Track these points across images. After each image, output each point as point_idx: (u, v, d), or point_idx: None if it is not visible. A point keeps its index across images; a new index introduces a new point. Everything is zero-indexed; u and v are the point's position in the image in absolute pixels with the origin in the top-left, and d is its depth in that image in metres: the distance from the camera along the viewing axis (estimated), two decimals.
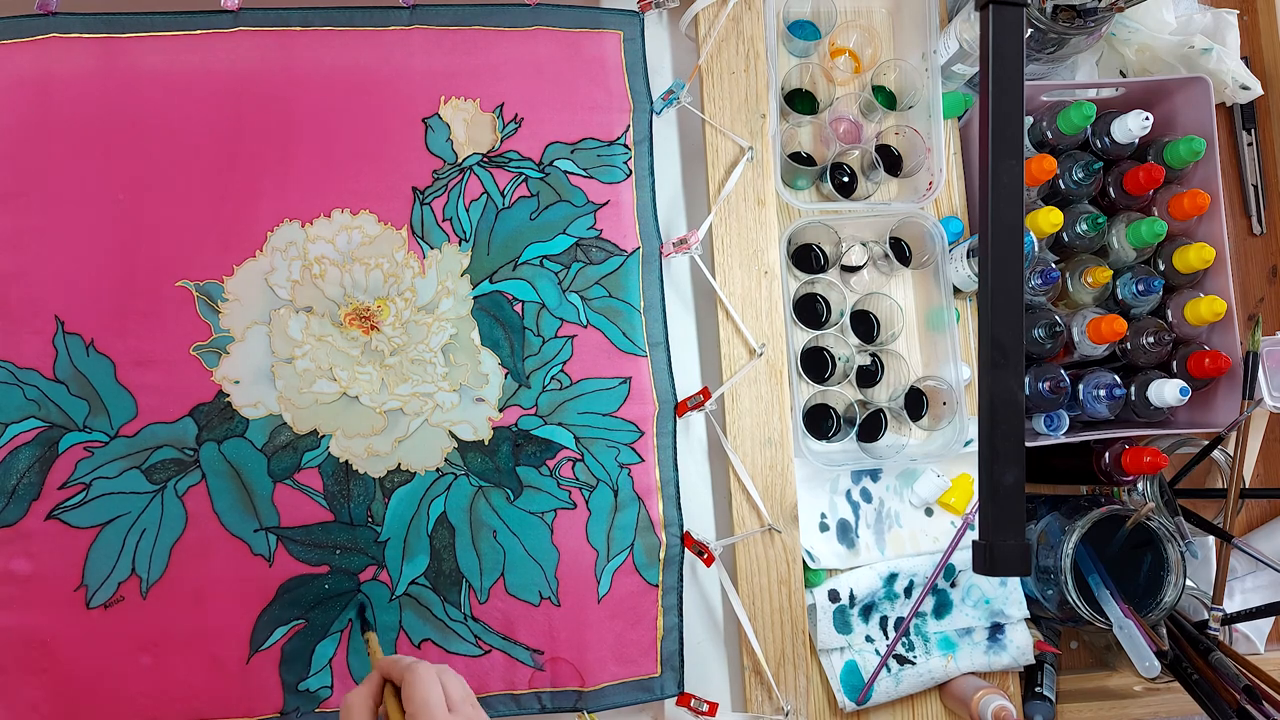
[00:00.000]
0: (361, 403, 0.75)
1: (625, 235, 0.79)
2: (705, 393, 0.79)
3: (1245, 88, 0.99)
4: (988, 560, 0.55)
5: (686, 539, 0.78)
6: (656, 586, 0.77)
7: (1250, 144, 1.04)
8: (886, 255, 0.86)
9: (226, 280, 0.74)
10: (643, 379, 0.78)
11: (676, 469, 0.78)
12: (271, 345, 0.74)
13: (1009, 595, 0.86)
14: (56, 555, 0.70)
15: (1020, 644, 0.85)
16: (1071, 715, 0.89)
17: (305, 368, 0.74)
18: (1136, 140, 0.89)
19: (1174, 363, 0.92)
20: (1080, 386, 0.90)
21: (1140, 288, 0.89)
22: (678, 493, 0.78)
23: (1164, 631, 0.87)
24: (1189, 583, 0.93)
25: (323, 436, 0.74)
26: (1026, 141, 0.93)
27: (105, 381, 0.72)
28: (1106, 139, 0.91)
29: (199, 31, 0.76)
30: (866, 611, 0.84)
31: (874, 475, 0.87)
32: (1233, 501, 0.92)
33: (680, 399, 0.80)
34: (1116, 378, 0.89)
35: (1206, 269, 0.90)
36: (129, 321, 0.73)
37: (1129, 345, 0.91)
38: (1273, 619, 0.98)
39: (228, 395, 0.73)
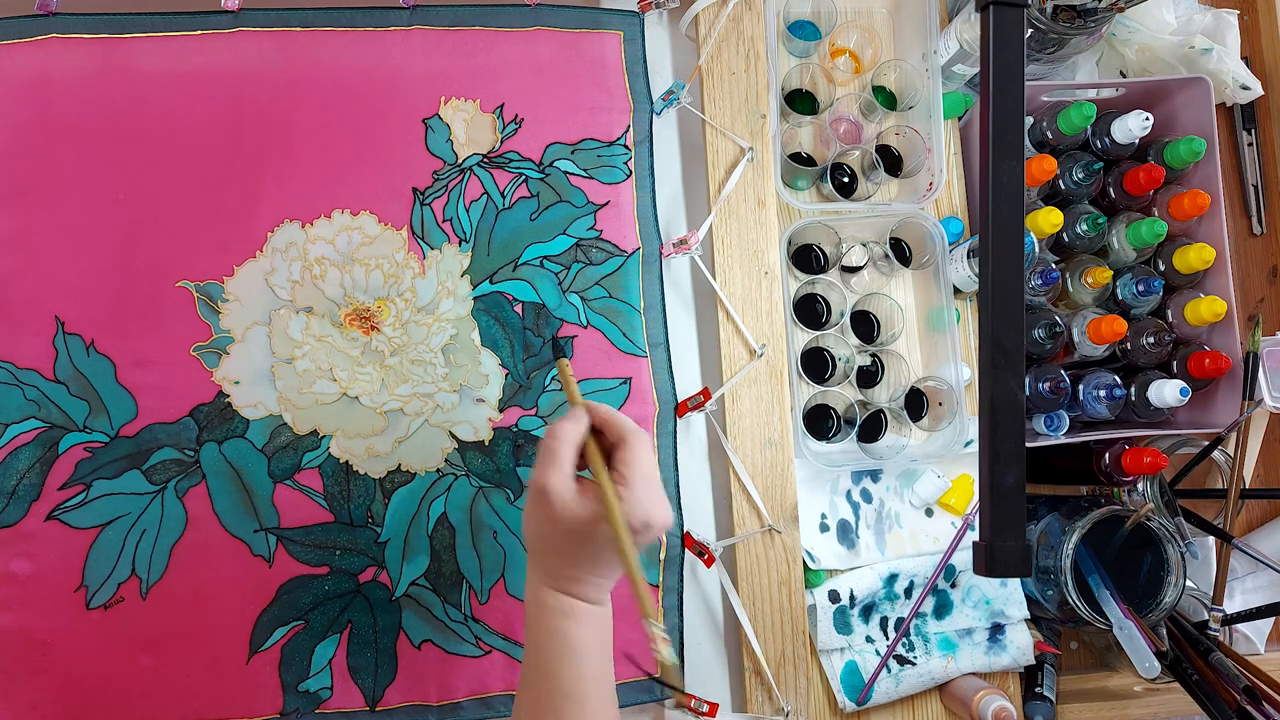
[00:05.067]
0: (362, 403, 0.75)
1: (625, 236, 0.79)
2: (705, 393, 0.79)
3: (1245, 88, 0.99)
4: (988, 561, 0.55)
5: (687, 539, 0.78)
6: (657, 587, 0.76)
7: (1250, 144, 1.04)
8: (886, 256, 0.86)
9: (227, 281, 0.74)
10: (643, 379, 0.78)
11: (677, 469, 0.78)
12: (272, 346, 0.74)
13: (1009, 596, 0.86)
14: (56, 556, 0.70)
15: (1020, 644, 0.85)
16: (1071, 715, 0.89)
17: (305, 368, 0.74)
18: (1136, 140, 0.89)
19: (1174, 363, 0.92)
20: (1080, 387, 0.90)
21: (1140, 288, 0.89)
22: (678, 493, 0.78)
23: (1164, 632, 0.87)
24: (1189, 583, 0.93)
25: (323, 437, 0.74)
26: (1026, 142, 0.93)
27: (105, 382, 0.72)
28: (1106, 139, 0.91)
29: (199, 32, 0.76)
30: (867, 612, 0.84)
31: (874, 476, 0.87)
32: (1233, 502, 0.92)
33: (680, 399, 0.80)
34: (1116, 378, 0.89)
35: (1206, 269, 0.90)
36: (129, 322, 0.73)
37: (1129, 345, 0.91)
38: (1273, 619, 0.98)
39: (228, 396, 0.73)
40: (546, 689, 0.54)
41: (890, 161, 0.90)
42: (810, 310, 0.88)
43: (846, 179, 0.90)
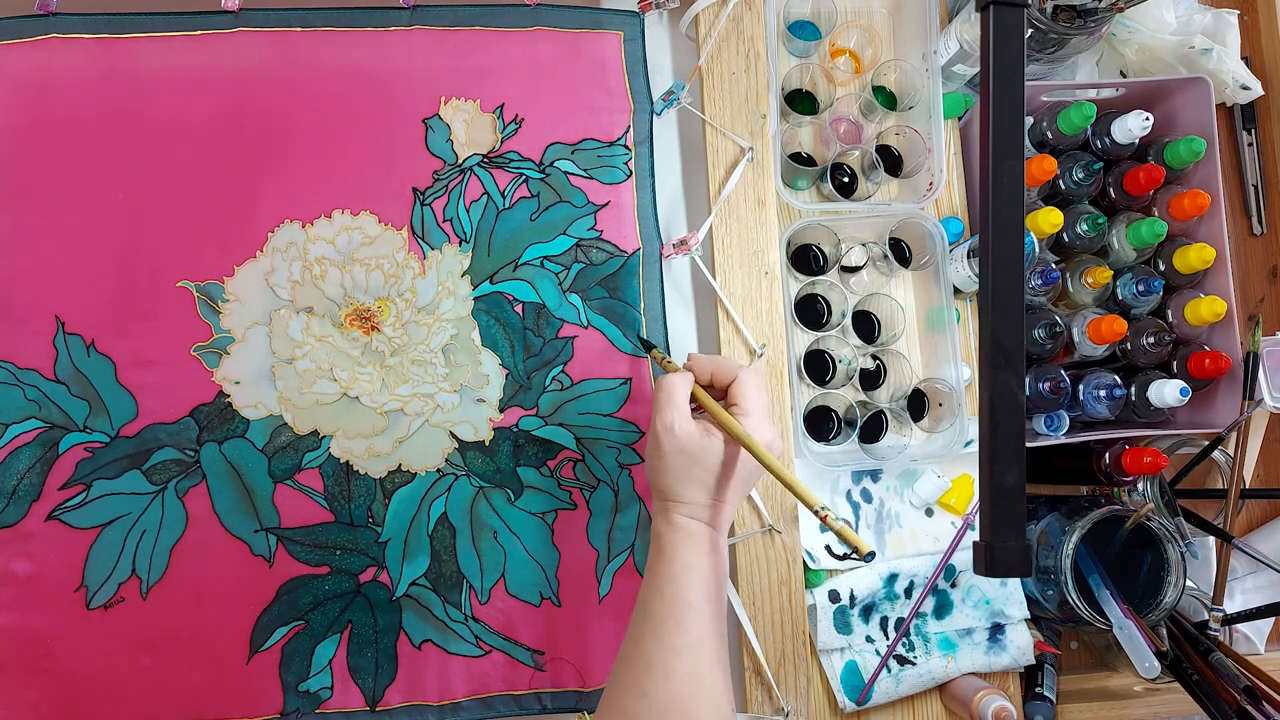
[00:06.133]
0: (362, 403, 0.75)
1: (626, 236, 0.79)
2: None
3: (1245, 88, 0.99)
4: (988, 561, 0.55)
5: None
6: None
7: (1250, 144, 1.04)
8: (886, 256, 0.86)
9: (227, 281, 0.74)
10: (643, 380, 0.78)
11: None
12: (272, 346, 0.74)
13: (1009, 595, 0.86)
14: (57, 556, 0.70)
15: (1020, 644, 0.85)
16: (1072, 715, 0.89)
17: (306, 368, 0.74)
18: (1137, 140, 0.89)
19: (1174, 363, 0.92)
20: (1080, 387, 0.90)
21: (1140, 288, 0.89)
22: None
23: (1164, 632, 0.87)
24: (1189, 583, 0.93)
25: (323, 437, 0.74)
26: (1026, 141, 0.93)
27: (106, 382, 0.72)
28: (1107, 139, 0.91)
29: (199, 32, 0.76)
30: (867, 612, 0.84)
31: (874, 475, 0.87)
32: (1233, 502, 0.92)
33: None
34: (1116, 378, 0.89)
35: (1206, 269, 0.90)
36: (129, 322, 0.73)
37: (1129, 345, 0.91)
38: (1273, 619, 0.98)
39: (228, 396, 0.73)
40: (669, 598, 0.59)
41: (890, 161, 0.90)
42: (811, 310, 0.88)
43: (846, 179, 0.90)
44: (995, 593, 0.86)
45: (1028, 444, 0.77)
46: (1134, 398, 0.90)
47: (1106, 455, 0.90)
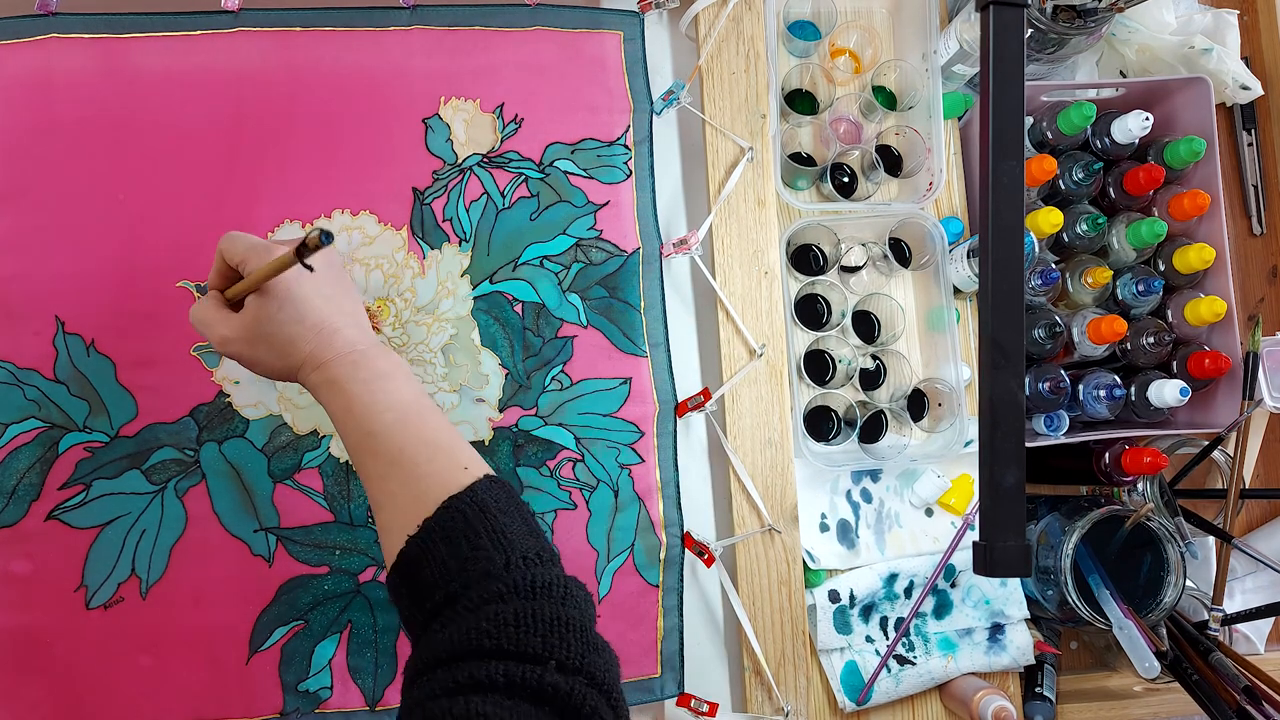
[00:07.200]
0: None
1: (625, 236, 0.79)
2: (705, 393, 0.79)
3: (1245, 88, 0.99)
4: (987, 561, 0.55)
5: (687, 539, 0.78)
6: (657, 587, 0.76)
7: (1250, 144, 1.04)
8: (885, 256, 0.86)
9: None
10: (643, 379, 0.78)
11: (677, 469, 0.78)
12: None
13: (1009, 596, 0.86)
14: (56, 556, 0.70)
15: (1020, 644, 0.85)
16: (1071, 715, 0.89)
17: None
18: (1136, 140, 0.89)
19: (1174, 363, 0.92)
20: (1080, 387, 0.90)
21: (1140, 288, 0.89)
22: (678, 493, 0.78)
23: (1164, 632, 0.87)
24: (1189, 583, 0.93)
25: (323, 437, 0.74)
26: (1026, 142, 0.93)
27: (105, 382, 0.72)
28: (1106, 139, 0.91)
29: (199, 32, 0.76)
30: (867, 612, 0.84)
31: (874, 475, 0.87)
32: (1233, 502, 0.92)
33: (680, 399, 0.80)
34: (1116, 378, 0.89)
35: (1206, 269, 0.90)
36: (129, 322, 0.73)
37: (1129, 345, 0.91)
38: (1273, 619, 0.98)
39: (228, 395, 0.73)
40: (354, 444, 0.57)
41: (890, 161, 0.90)
42: (811, 310, 0.88)
43: (846, 179, 0.90)
44: (995, 593, 0.86)
45: (1028, 444, 0.77)
46: (1134, 398, 0.90)
47: (1106, 455, 0.90)
